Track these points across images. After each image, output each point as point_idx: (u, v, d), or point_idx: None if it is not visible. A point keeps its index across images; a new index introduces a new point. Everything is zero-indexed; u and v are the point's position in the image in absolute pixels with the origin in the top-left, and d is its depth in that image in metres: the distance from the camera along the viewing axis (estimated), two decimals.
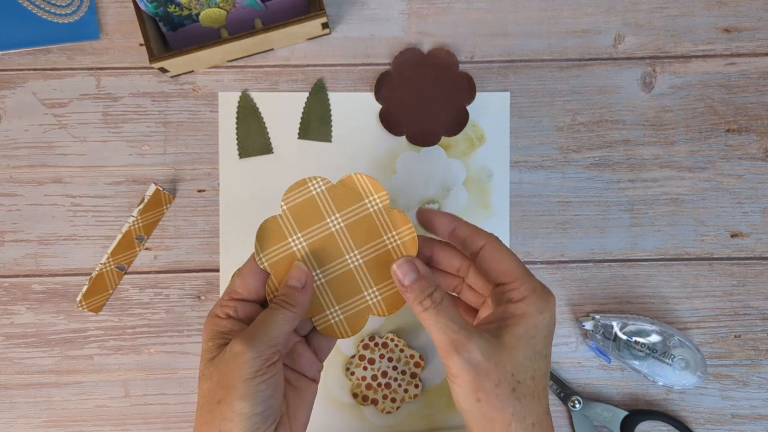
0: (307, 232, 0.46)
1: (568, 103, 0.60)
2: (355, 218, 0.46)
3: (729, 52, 0.60)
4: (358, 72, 0.60)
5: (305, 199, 0.46)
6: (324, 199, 0.46)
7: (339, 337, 0.46)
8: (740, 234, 0.60)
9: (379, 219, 0.46)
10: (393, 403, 0.58)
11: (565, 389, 0.59)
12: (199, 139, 0.60)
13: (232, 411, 0.39)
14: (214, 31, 0.57)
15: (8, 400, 0.59)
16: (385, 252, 0.46)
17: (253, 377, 0.39)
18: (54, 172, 0.59)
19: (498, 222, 0.60)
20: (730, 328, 0.60)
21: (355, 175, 0.46)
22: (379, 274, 0.46)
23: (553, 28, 0.60)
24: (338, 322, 0.47)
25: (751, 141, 0.60)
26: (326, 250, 0.46)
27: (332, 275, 0.46)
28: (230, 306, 0.43)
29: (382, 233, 0.46)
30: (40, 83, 0.59)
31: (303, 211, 0.46)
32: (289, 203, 0.46)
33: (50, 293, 0.59)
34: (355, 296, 0.46)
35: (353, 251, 0.46)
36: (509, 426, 0.39)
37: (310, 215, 0.46)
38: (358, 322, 0.46)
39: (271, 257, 0.45)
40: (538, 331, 0.39)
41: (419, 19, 0.60)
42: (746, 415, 0.60)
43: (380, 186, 0.46)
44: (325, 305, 0.46)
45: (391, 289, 0.46)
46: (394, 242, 0.46)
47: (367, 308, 0.47)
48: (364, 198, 0.46)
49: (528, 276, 0.41)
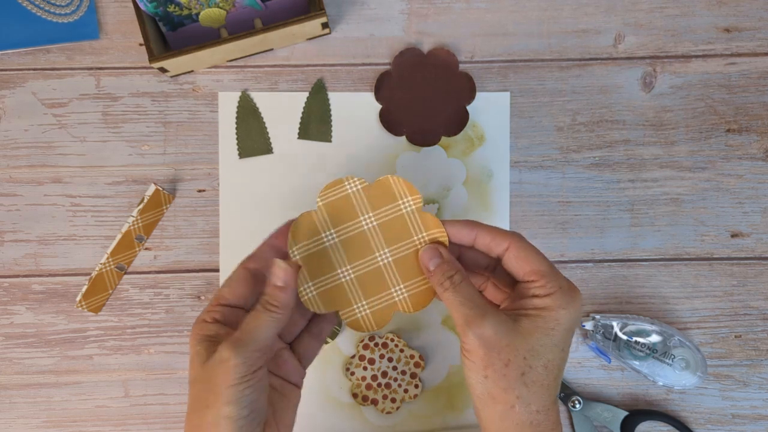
0: (340, 228, 0.47)
1: (568, 103, 0.60)
2: (388, 218, 0.48)
3: (729, 52, 0.60)
4: (358, 72, 0.60)
5: (341, 197, 0.47)
6: (359, 198, 0.48)
7: (364, 330, 0.48)
8: (740, 234, 0.60)
9: (411, 220, 0.48)
10: (393, 403, 0.58)
11: (565, 389, 0.59)
12: (199, 139, 0.60)
13: (219, 415, 0.40)
14: (214, 31, 0.57)
15: (8, 401, 0.59)
16: (414, 252, 0.47)
17: (239, 383, 0.40)
18: (54, 172, 0.59)
19: (498, 222, 0.60)
20: (731, 328, 0.60)
21: (391, 177, 0.48)
22: (407, 272, 0.48)
23: (553, 28, 0.60)
24: (365, 317, 0.48)
25: (751, 141, 0.60)
26: (358, 247, 0.48)
27: (362, 271, 0.48)
28: (217, 311, 0.44)
29: (413, 234, 0.47)
30: (40, 83, 0.59)
31: (337, 209, 0.47)
32: (324, 200, 0.47)
33: (50, 293, 0.59)
34: (383, 292, 0.48)
35: (383, 249, 0.48)
36: (512, 408, 0.39)
37: (345, 213, 0.47)
38: (383, 318, 0.48)
39: (303, 251, 0.47)
40: (559, 324, 0.40)
41: (419, 19, 0.60)
42: (746, 415, 0.60)
43: (415, 189, 0.48)
44: (353, 300, 0.48)
45: (419, 287, 0.48)
46: (424, 242, 0.47)
47: (394, 304, 0.48)
48: (398, 199, 0.48)
49: (554, 273, 0.41)
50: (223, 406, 0.39)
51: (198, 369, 0.41)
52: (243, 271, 0.45)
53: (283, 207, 0.59)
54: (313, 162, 0.60)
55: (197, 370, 0.41)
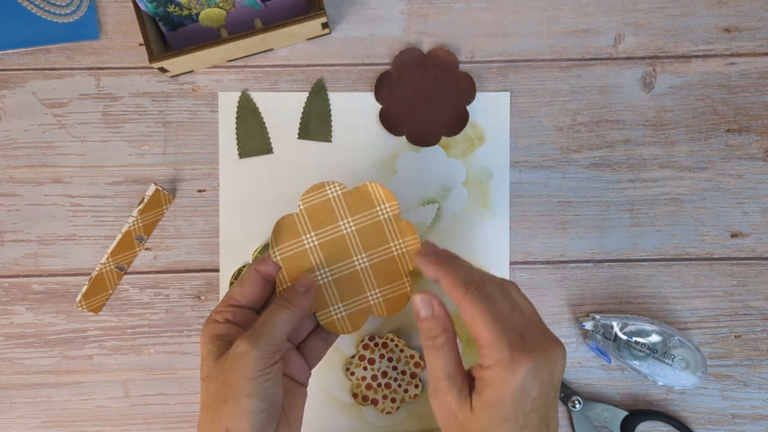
0: (320, 232, 0.49)
1: (568, 103, 0.60)
2: (366, 224, 0.49)
3: (729, 52, 0.60)
4: (358, 72, 0.60)
5: (321, 201, 0.49)
6: (339, 203, 0.49)
7: (339, 332, 0.49)
8: (740, 234, 0.60)
9: (388, 226, 0.49)
10: (393, 403, 0.58)
11: (565, 389, 0.59)
12: (199, 139, 0.60)
13: (239, 409, 0.39)
14: (214, 31, 0.57)
15: (8, 401, 0.59)
16: (390, 258, 0.49)
17: (259, 376, 0.40)
18: (54, 172, 0.59)
19: (498, 222, 0.60)
20: (731, 328, 0.60)
21: (370, 184, 0.50)
22: (383, 277, 0.49)
23: (553, 28, 0.60)
24: (340, 318, 0.50)
25: (751, 141, 0.60)
26: (336, 251, 0.49)
27: (339, 274, 0.49)
28: (228, 311, 0.44)
29: (390, 240, 0.49)
30: (40, 83, 0.59)
31: (318, 212, 0.49)
32: (306, 203, 0.49)
33: (50, 293, 0.59)
34: (359, 296, 0.49)
35: (361, 254, 0.49)
36: None
37: (325, 217, 0.49)
38: (358, 320, 0.49)
39: (284, 252, 0.49)
40: (503, 399, 0.38)
41: (419, 19, 0.60)
42: (746, 415, 0.60)
43: (392, 196, 0.50)
44: (329, 301, 0.49)
45: (393, 292, 0.49)
46: (400, 249, 0.49)
47: (369, 308, 0.49)
48: (376, 206, 0.50)
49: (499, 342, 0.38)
50: (243, 399, 0.39)
51: (211, 365, 0.42)
52: (254, 274, 0.46)
53: (283, 207, 0.59)
54: (313, 162, 0.60)
55: (210, 367, 0.42)
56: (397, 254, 0.49)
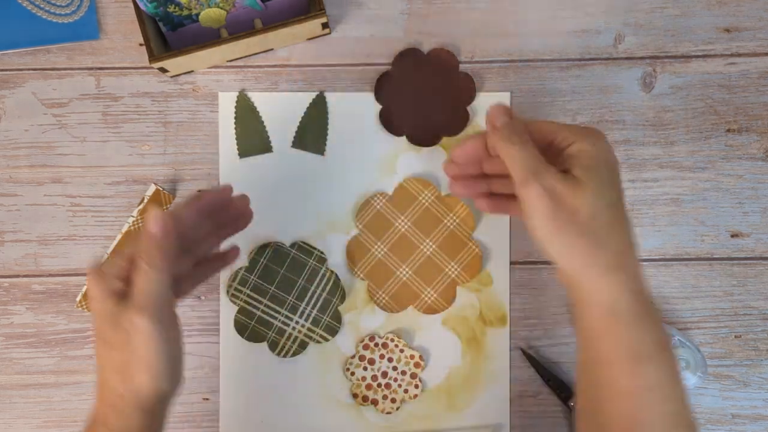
0: (384, 239, 0.57)
1: (568, 103, 0.60)
2: (417, 214, 0.57)
3: (729, 52, 0.60)
4: (358, 72, 0.60)
5: (373, 214, 0.58)
6: (388, 209, 0.57)
7: (438, 312, 0.57)
8: (740, 234, 0.60)
9: (435, 208, 0.57)
10: (393, 404, 0.58)
11: (566, 389, 0.59)
12: (199, 139, 0.60)
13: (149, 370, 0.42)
14: (214, 31, 0.57)
15: (8, 401, 0.59)
16: (450, 233, 0.57)
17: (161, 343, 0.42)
18: (54, 172, 0.59)
19: (498, 222, 0.60)
20: (731, 328, 0.60)
21: (405, 181, 0.58)
22: (452, 251, 0.57)
23: (553, 28, 0.60)
24: (434, 301, 0.57)
25: (751, 141, 0.60)
26: (404, 248, 0.57)
27: (416, 265, 0.57)
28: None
29: (442, 218, 0.57)
30: (40, 83, 0.59)
31: (374, 224, 0.58)
32: (362, 222, 0.58)
33: (50, 293, 0.59)
34: (440, 275, 0.57)
35: (425, 241, 0.57)
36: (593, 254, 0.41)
37: (382, 225, 0.57)
38: (449, 294, 0.57)
39: (365, 269, 0.57)
40: (599, 161, 0.42)
41: (419, 19, 0.60)
42: (747, 415, 0.60)
43: (427, 182, 0.58)
44: (420, 291, 0.57)
45: (466, 259, 0.57)
46: (454, 222, 0.57)
47: (453, 281, 0.57)
48: (418, 196, 0.57)
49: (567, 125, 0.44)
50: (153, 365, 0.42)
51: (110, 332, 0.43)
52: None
53: (283, 206, 0.59)
54: (313, 162, 0.60)
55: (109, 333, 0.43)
56: (453, 227, 0.57)
